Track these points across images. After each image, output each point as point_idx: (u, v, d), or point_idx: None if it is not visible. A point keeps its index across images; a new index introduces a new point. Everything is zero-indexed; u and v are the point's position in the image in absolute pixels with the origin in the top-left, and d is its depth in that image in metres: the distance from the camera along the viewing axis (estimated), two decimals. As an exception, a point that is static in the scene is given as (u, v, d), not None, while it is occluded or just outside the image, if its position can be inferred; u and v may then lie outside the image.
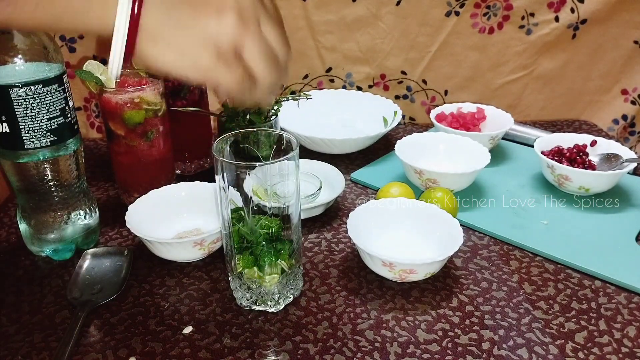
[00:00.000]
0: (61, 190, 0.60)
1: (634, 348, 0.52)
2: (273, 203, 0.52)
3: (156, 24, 0.37)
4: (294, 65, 1.00)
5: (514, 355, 0.51)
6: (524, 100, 1.06)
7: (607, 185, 0.74)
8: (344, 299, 0.57)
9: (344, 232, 0.69)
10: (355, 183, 0.81)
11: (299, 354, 0.50)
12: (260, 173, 0.50)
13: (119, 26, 0.36)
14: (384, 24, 0.97)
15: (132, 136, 0.68)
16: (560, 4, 0.96)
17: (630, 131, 1.09)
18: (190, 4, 0.38)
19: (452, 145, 0.82)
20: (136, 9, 0.36)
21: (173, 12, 0.37)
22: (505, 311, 0.56)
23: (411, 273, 0.56)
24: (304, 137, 0.84)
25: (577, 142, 0.81)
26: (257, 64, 0.40)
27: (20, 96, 0.53)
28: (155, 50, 0.38)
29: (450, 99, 1.04)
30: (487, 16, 0.97)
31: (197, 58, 0.38)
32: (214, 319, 0.55)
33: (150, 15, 0.37)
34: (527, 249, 0.66)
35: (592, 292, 0.59)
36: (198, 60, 0.38)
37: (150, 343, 0.52)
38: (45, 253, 0.63)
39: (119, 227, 0.70)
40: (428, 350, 0.51)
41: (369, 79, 1.03)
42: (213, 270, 0.62)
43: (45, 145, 0.56)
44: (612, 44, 1.00)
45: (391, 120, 0.91)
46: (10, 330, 0.53)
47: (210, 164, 0.84)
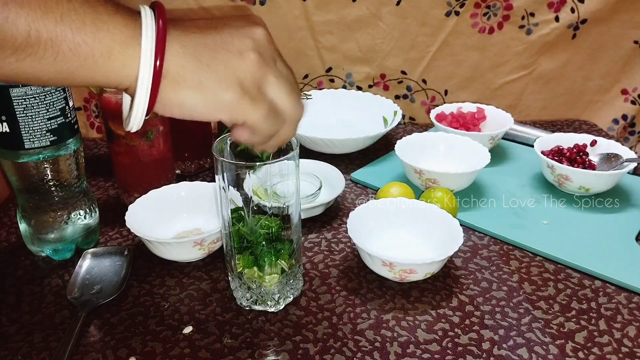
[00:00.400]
0: (61, 190, 0.60)
1: (634, 348, 0.52)
2: (273, 203, 0.52)
3: (178, 69, 0.36)
4: (294, 65, 1.00)
5: (514, 355, 0.51)
6: (524, 100, 1.06)
7: (607, 185, 0.74)
8: (344, 299, 0.57)
9: (344, 232, 0.69)
10: (355, 183, 0.81)
11: (299, 354, 0.50)
12: (260, 173, 0.50)
13: (143, 77, 0.35)
14: (384, 24, 0.97)
15: (132, 136, 0.68)
16: (560, 4, 0.96)
17: (630, 131, 1.09)
18: (212, 47, 0.37)
19: (452, 145, 0.82)
20: (159, 60, 0.35)
21: (194, 56, 0.36)
22: (505, 311, 0.56)
23: (411, 273, 0.56)
24: (304, 137, 0.84)
25: (577, 142, 0.81)
26: (283, 98, 0.40)
27: (20, 96, 0.53)
28: (179, 95, 0.37)
29: (450, 98, 1.04)
30: (487, 16, 0.97)
31: (221, 96, 0.37)
32: (214, 318, 0.55)
33: (171, 61, 0.36)
34: (527, 249, 0.66)
35: (592, 292, 0.59)
36: (223, 98, 0.37)
37: (150, 343, 0.52)
38: (45, 253, 0.63)
39: (119, 227, 0.70)
40: (428, 350, 0.51)
41: (369, 78, 1.03)
42: (213, 270, 0.62)
43: (45, 145, 0.56)
44: (612, 44, 1.00)
45: (391, 120, 0.91)
46: (10, 330, 0.53)
47: (210, 164, 0.84)
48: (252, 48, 0.38)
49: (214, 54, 0.37)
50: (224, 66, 0.37)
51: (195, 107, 0.37)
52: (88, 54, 0.34)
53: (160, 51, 0.35)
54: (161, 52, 0.35)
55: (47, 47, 0.33)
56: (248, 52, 0.38)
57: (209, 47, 0.37)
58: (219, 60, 0.37)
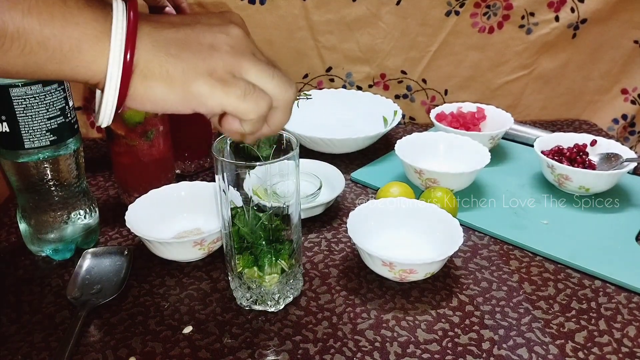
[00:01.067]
0: (61, 190, 0.60)
1: (634, 348, 0.52)
2: (273, 203, 0.52)
3: (147, 63, 0.35)
4: (294, 65, 1.00)
5: (514, 355, 0.51)
6: (524, 100, 1.06)
7: (607, 185, 0.74)
8: (344, 298, 0.57)
9: (344, 232, 0.69)
10: (355, 183, 0.81)
11: (299, 354, 0.50)
12: (260, 173, 0.50)
13: (112, 73, 0.34)
14: (384, 24, 0.97)
15: (132, 136, 0.68)
16: (560, 4, 0.96)
17: (630, 131, 1.09)
18: (183, 41, 0.36)
19: (452, 145, 0.82)
20: (128, 55, 0.34)
21: (164, 50, 0.35)
22: (505, 311, 0.56)
23: (411, 273, 0.56)
24: (304, 136, 0.84)
25: (577, 141, 0.81)
26: (264, 79, 0.38)
27: (20, 96, 0.53)
28: (149, 89, 0.36)
29: (450, 98, 1.04)
30: (487, 16, 0.97)
31: (190, 86, 0.36)
32: (214, 318, 0.55)
33: (141, 57, 0.35)
34: (527, 249, 0.66)
35: (592, 292, 0.59)
36: (192, 89, 0.36)
37: (150, 343, 0.52)
38: (45, 253, 0.63)
39: (119, 227, 0.70)
40: (428, 350, 0.51)
41: (369, 78, 1.03)
42: (213, 270, 0.62)
43: (45, 144, 0.56)
44: (612, 43, 1.00)
45: (391, 120, 0.91)
46: (10, 330, 0.53)
47: (210, 163, 0.84)
48: (225, 42, 0.37)
49: (184, 46, 0.36)
50: (193, 57, 0.36)
51: (166, 100, 0.36)
52: (56, 48, 0.33)
53: (131, 47, 0.34)
54: (131, 48, 0.34)
55: (14, 39, 0.32)
56: (220, 45, 0.37)
57: (180, 41, 0.36)
58: (189, 52, 0.36)
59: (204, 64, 0.36)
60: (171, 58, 0.35)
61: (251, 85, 0.37)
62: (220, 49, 0.37)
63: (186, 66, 0.36)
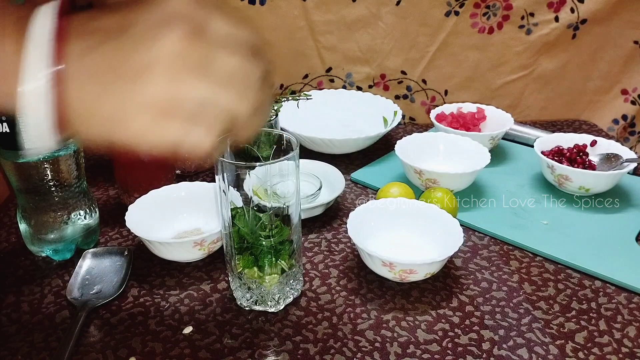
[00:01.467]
0: (61, 190, 0.60)
1: (634, 348, 0.52)
2: (273, 203, 0.52)
3: (78, 98, 0.31)
4: (294, 65, 1.00)
5: (514, 355, 0.51)
6: (524, 100, 1.06)
7: (607, 185, 0.74)
8: (344, 299, 0.57)
9: (344, 232, 0.69)
10: (355, 183, 0.81)
11: (299, 354, 0.50)
12: (260, 173, 0.50)
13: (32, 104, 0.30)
14: (384, 24, 0.97)
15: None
16: (560, 4, 0.96)
17: (630, 131, 1.09)
18: (114, 68, 0.31)
19: (452, 145, 0.82)
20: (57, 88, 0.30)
21: (95, 81, 0.31)
22: (505, 311, 0.56)
23: (411, 273, 0.56)
24: (304, 137, 0.84)
25: (577, 142, 0.81)
26: (216, 96, 0.32)
27: (20, 96, 0.53)
28: (83, 126, 0.32)
29: (450, 99, 1.04)
30: (486, 16, 0.97)
31: (127, 125, 0.31)
32: (214, 319, 0.55)
33: (70, 88, 0.30)
34: (527, 249, 0.66)
35: (592, 292, 0.59)
36: (132, 125, 0.31)
37: (150, 343, 0.52)
38: (45, 253, 0.63)
39: (119, 227, 0.70)
40: (428, 350, 0.51)
41: (369, 79, 1.03)
42: (213, 270, 0.62)
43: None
44: (612, 44, 1.00)
45: (391, 120, 0.91)
46: (10, 330, 0.53)
47: (210, 164, 0.84)
48: (164, 55, 0.30)
49: (115, 76, 0.31)
50: (126, 90, 0.31)
51: (102, 137, 0.32)
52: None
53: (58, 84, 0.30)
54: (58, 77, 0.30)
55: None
56: (156, 61, 0.30)
57: (111, 68, 0.31)
58: (122, 83, 0.31)
59: (141, 98, 0.31)
60: (105, 95, 0.31)
61: (199, 107, 0.31)
62: (154, 70, 0.30)
63: (123, 103, 0.31)
